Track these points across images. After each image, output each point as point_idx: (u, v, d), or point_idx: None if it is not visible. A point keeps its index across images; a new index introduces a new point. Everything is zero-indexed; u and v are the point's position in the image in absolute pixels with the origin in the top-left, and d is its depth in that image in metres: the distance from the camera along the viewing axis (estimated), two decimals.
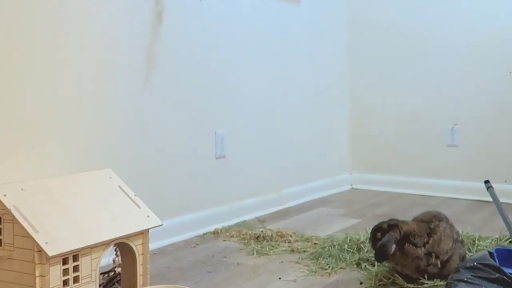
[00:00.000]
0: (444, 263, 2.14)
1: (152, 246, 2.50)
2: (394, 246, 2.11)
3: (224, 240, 2.88)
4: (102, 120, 2.51)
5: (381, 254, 2.12)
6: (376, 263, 2.36)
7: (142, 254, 2.06)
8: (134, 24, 2.65)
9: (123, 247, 2.05)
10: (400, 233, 2.14)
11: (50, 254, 1.74)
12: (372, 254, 2.42)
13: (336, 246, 2.60)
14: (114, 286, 2.15)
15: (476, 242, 2.55)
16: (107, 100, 2.54)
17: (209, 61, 3.08)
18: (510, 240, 2.60)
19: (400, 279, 2.17)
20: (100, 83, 2.50)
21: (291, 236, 2.87)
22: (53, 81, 2.30)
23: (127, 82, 2.63)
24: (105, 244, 1.92)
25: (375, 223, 2.30)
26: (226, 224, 3.14)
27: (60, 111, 2.34)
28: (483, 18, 3.78)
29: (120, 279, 2.13)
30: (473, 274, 1.89)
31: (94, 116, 2.48)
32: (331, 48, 4.13)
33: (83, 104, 2.43)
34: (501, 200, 2.64)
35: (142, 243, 2.06)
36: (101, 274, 2.09)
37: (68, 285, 1.81)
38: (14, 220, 1.79)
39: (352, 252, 2.53)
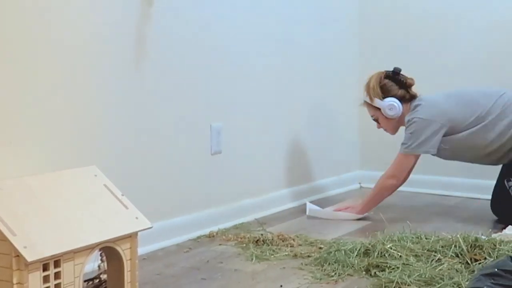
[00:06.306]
0: None
1: (141, 250, 2.50)
2: None
3: (220, 244, 2.88)
4: (85, 112, 2.51)
5: None
6: (387, 269, 2.36)
7: (130, 259, 2.06)
8: (121, 7, 2.64)
9: (109, 251, 2.05)
10: None
11: (29, 259, 1.74)
12: (382, 260, 2.43)
13: (343, 250, 2.60)
14: None
15: (497, 246, 2.55)
16: (91, 89, 2.53)
17: (205, 47, 3.07)
18: None
19: (412, 286, 2.16)
20: (83, 71, 2.50)
21: (293, 239, 2.87)
22: (30, 69, 2.30)
23: (113, 70, 2.63)
24: (89, 249, 1.93)
25: (386, 225, 2.30)
26: (222, 226, 3.14)
27: (40, 103, 2.34)
28: None
29: (106, 287, 2.13)
30: (493, 282, 1.89)
31: (76, 108, 2.48)
32: (339, 35, 4.12)
33: (64, 94, 2.43)
34: None
35: (130, 248, 2.06)
36: (85, 281, 2.09)
37: None
38: None
39: (361, 257, 2.53)
